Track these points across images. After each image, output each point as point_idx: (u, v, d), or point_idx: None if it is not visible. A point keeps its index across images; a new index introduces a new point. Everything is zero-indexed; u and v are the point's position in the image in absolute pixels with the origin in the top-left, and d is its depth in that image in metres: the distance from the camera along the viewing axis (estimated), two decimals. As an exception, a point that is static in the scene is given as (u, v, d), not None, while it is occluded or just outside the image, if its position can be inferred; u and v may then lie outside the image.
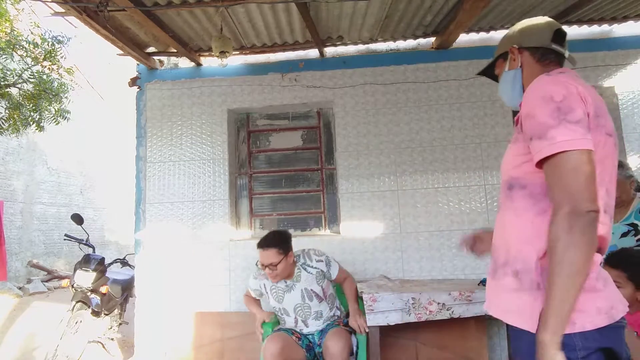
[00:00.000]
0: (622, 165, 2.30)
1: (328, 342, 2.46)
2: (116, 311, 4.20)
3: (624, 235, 2.20)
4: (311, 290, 2.64)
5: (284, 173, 3.97)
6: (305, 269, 2.66)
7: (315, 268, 2.67)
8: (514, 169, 1.18)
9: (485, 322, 3.16)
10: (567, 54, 1.29)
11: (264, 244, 2.56)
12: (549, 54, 1.28)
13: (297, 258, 2.71)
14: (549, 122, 1.04)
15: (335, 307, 2.78)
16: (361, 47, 3.88)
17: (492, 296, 1.24)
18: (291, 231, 3.87)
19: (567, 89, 1.07)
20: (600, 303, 1.06)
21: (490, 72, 1.49)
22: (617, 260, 1.85)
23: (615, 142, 1.14)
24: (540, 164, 1.07)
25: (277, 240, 2.57)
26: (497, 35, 3.74)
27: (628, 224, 2.21)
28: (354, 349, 2.63)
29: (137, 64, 4.00)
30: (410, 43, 3.86)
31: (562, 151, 1.01)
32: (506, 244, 1.18)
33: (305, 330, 2.70)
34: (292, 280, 2.66)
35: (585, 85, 1.12)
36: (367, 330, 2.67)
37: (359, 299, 2.84)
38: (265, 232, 3.87)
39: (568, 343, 1.02)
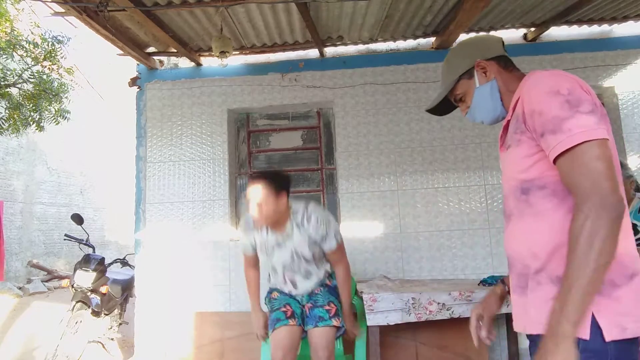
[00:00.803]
0: (622, 166, 2.31)
1: (313, 347, 2.37)
2: (116, 311, 4.20)
3: (624, 235, 2.20)
4: (301, 252, 2.40)
5: (284, 173, 3.96)
6: (299, 229, 2.36)
7: (307, 234, 2.37)
8: (525, 171, 1.11)
9: (485, 322, 3.16)
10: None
11: (254, 176, 2.30)
12: (508, 60, 1.29)
13: (295, 214, 2.38)
14: (561, 115, 1.00)
15: (323, 266, 2.55)
16: (361, 47, 3.88)
17: (526, 312, 1.11)
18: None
19: (570, 82, 1.04)
20: None
21: (439, 106, 1.39)
22: None
23: None
24: (555, 159, 1.02)
25: (269, 177, 2.28)
26: (498, 35, 3.74)
27: (627, 224, 2.21)
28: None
29: (137, 64, 4.00)
30: (410, 43, 3.86)
31: (581, 142, 0.96)
32: (534, 251, 1.09)
33: (294, 292, 2.54)
34: (284, 236, 2.38)
35: None
36: (358, 335, 2.60)
37: (356, 296, 2.84)
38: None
39: (603, 350, 0.96)
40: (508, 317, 2.94)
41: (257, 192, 2.23)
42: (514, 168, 1.15)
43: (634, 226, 2.19)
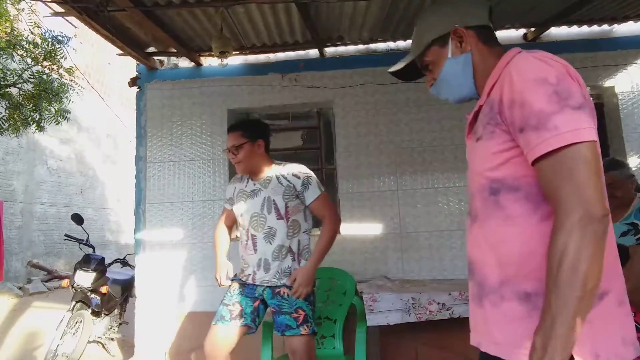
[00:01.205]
0: (623, 165, 2.31)
1: (292, 353, 2.28)
2: (116, 311, 4.20)
3: (624, 234, 2.21)
4: (273, 200, 2.31)
5: (284, 173, 3.96)
6: (278, 179, 2.35)
7: (288, 181, 2.33)
8: (495, 169, 0.97)
9: (485, 322, 3.16)
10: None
11: (231, 126, 2.42)
12: (490, 33, 1.12)
13: (277, 166, 2.40)
14: (547, 109, 0.85)
15: (290, 237, 2.34)
16: (361, 47, 3.87)
17: (485, 328, 0.98)
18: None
19: (558, 68, 0.89)
20: (629, 329, 0.90)
21: (406, 70, 1.22)
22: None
23: None
24: (535, 160, 0.88)
25: (244, 124, 2.41)
26: (498, 35, 3.73)
27: (628, 224, 2.22)
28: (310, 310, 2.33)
29: (137, 64, 4.00)
30: (410, 43, 3.85)
31: (569, 144, 0.83)
32: (499, 261, 0.96)
33: (254, 267, 2.34)
34: (260, 184, 2.37)
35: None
36: (300, 298, 2.26)
37: (356, 296, 2.83)
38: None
39: None
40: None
41: (232, 140, 2.32)
42: (483, 164, 1.01)
43: (635, 225, 2.19)
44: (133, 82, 4.03)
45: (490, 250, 0.98)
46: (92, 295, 3.78)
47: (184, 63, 4.00)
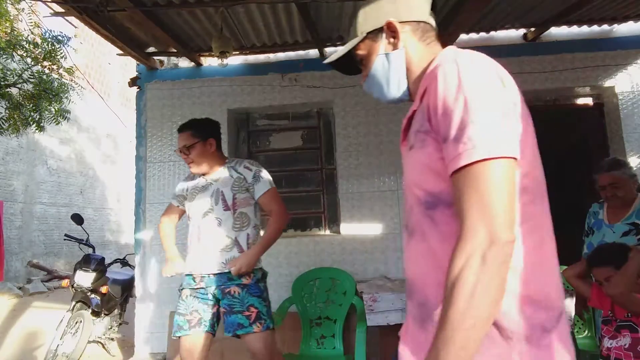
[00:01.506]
0: (624, 165, 2.31)
1: (252, 352, 2.27)
2: (116, 311, 4.20)
3: (625, 234, 2.21)
4: (222, 192, 2.32)
5: (284, 173, 3.96)
6: (229, 171, 2.38)
7: (238, 173, 2.35)
8: (430, 181, 0.86)
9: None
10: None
11: (180, 126, 2.43)
12: (429, 30, 1.02)
13: (230, 162, 2.44)
14: (466, 118, 0.76)
15: (237, 228, 2.31)
16: (361, 47, 3.87)
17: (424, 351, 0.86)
18: (291, 231, 3.87)
19: (485, 73, 0.81)
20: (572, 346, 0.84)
21: (343, 62, 1.11)
22: (602, 258, 1.86)
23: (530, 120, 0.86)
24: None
25: (193, 124, 2.41)
26: (498, 35, 3.74)
27: (629, 223, 2.22)
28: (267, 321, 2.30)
29: (137, 64, 4.00)
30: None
31: (481, 159, 0.74)
32: (442, 280, 0.82)
33: (203, 270, 2.30)
34: (212, 178, 2.38)
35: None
36: (242, 274, 2.23)
37: (356, 296, 2.83)
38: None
39: None
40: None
41: (182, 140, 2.35)
42: (417, 175, 0.91)
43: (636, 225, 2.19)
44: (133, 82, 4.03)
45: (430, 269, 0.88)
46: (92, 295, 3.77)
47: (184, 63, 4.00)
